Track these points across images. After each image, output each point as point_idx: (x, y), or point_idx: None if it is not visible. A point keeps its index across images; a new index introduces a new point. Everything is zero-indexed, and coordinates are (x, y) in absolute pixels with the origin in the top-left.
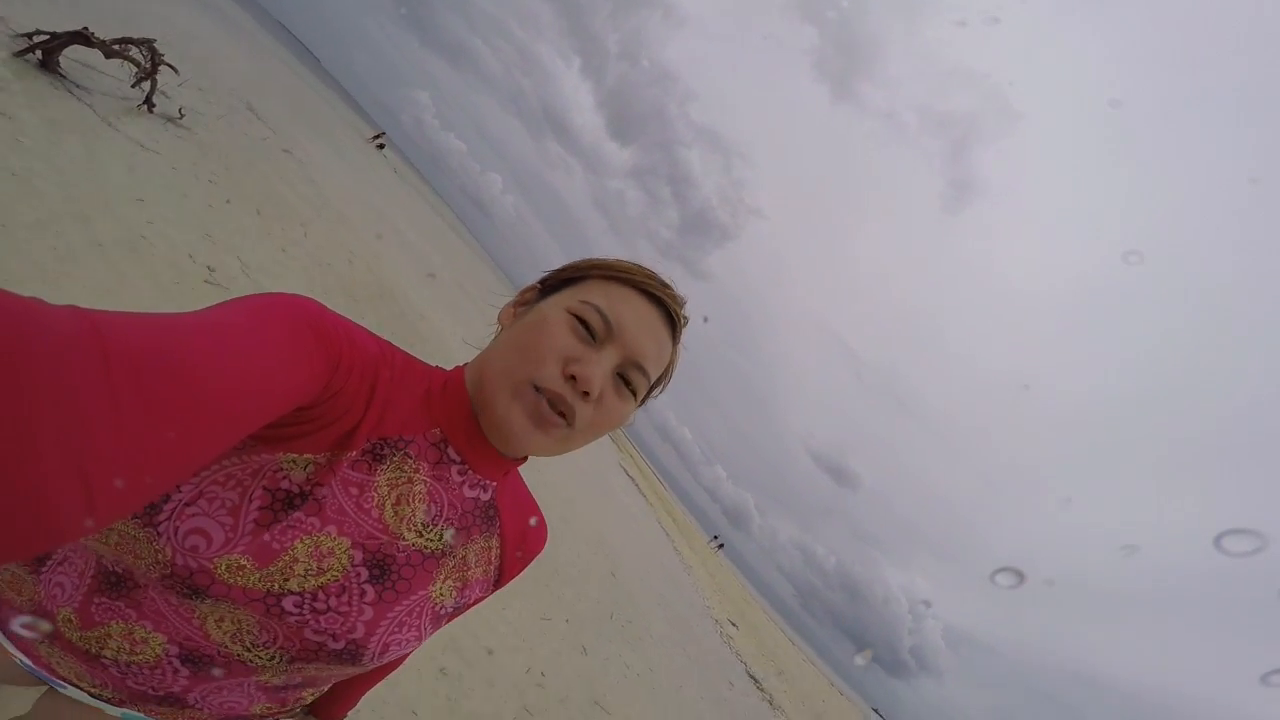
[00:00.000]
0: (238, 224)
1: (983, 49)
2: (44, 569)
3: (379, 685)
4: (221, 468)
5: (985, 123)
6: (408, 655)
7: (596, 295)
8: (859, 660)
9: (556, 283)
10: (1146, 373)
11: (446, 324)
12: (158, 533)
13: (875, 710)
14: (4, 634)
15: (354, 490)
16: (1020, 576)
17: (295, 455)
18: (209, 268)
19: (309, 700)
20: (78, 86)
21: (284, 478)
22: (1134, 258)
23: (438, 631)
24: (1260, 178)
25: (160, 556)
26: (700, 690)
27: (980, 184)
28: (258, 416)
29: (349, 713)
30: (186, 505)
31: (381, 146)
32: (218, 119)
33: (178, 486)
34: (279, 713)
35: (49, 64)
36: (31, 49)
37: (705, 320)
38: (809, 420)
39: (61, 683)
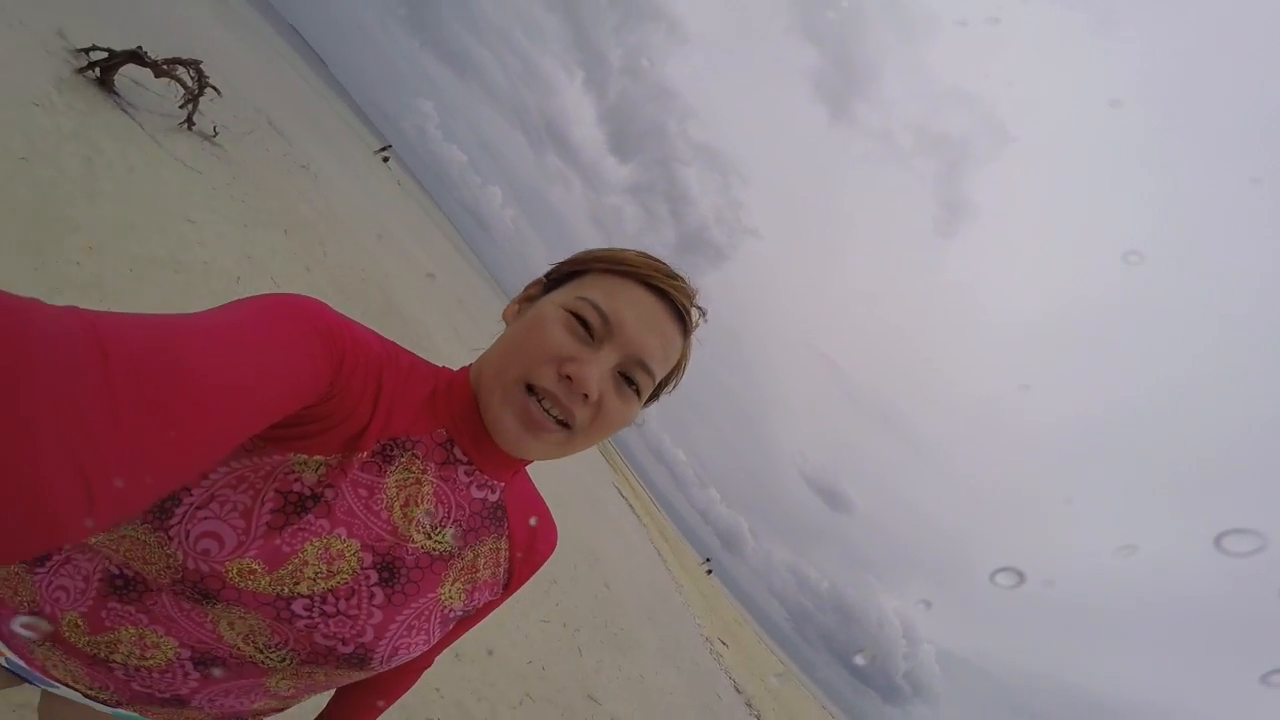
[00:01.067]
0: (269, 244)
1: (978, 70)
2: (42, 569)
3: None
4: (232, 470)
5: (978, 145)
6: (420, 670)
7: (596, 290)
8: (859, 660)
9: (560, 276)
10: (1142, 393)
11: (448, 339)
12: (169, 536)
13: None
14: None
15: (363, 492)
16: (1020, 576)
17: (306, 456)
18: (252, 290)
19: (305, 700)
20: (129, 104)
21: (296, 479)
22: (1134, 258)
23: (449, 642)
24: (1261, 178)
25: (172, 561)
26: (688, 699)
27: (973, 207)
28: (260, 417)
29: None
30: (198, 509)
31: (387, 159)
32: (245, 135)
33: (189, 489)
34: (277, 710)
35: (106, 81)
36: (91, 66)
37: (704, 315)
38: (802, 443)
39: (54, 683)
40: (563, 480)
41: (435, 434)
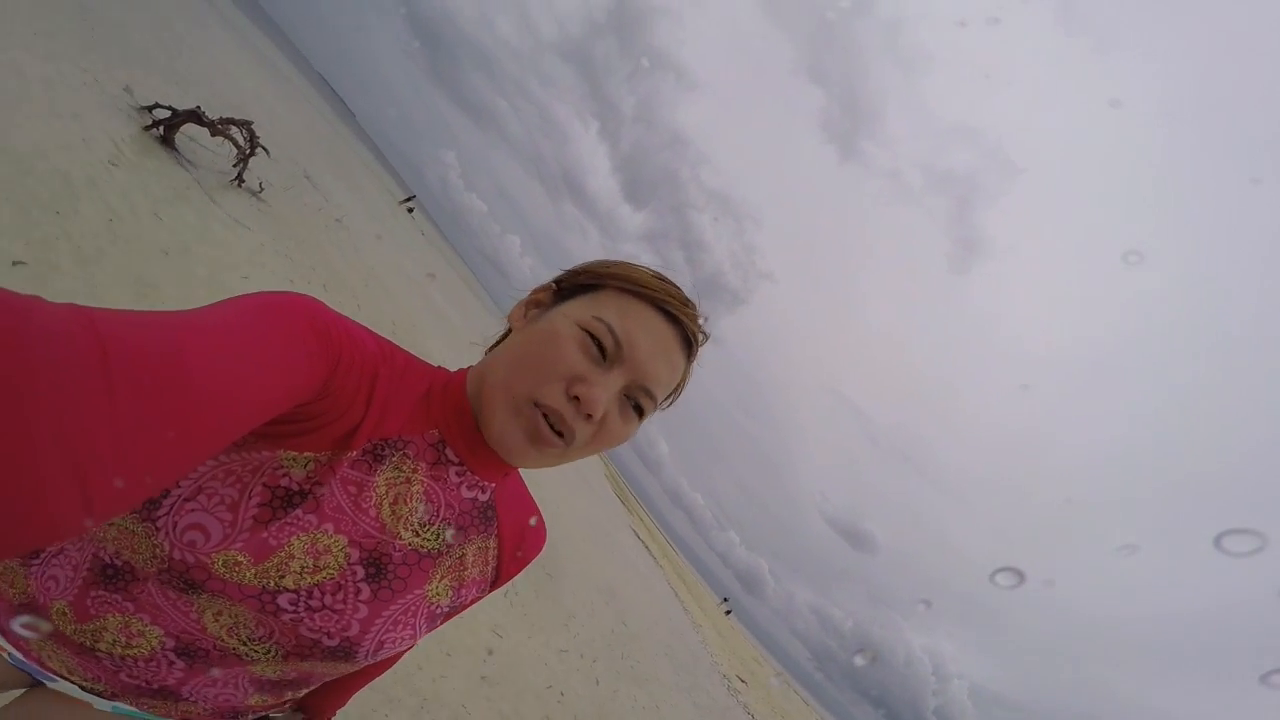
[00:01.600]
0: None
1: (980, 105)
2: (36, 562)
3: (424, 689)
4: (221, 464)
5: (987, 180)
6: (402, 654)
7: (611, 311)
8: (859, 660)
9: (572, 287)
10: (1165, 420)
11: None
12: (156, 528)
13: None
14: None
15: (352, 489)
16: (1020, 576)
17: (296, 454)
18: None
19: (302, 695)
20: (188, 161)
21: (284, 475)
22: (1134, 258)
23: (432, 631)
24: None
25: (158, 551)
26: None
27: (986, 242)
28: (257, 415)
29: (338, 711)
30: (185, 501)
31: (411, 210)
32: (285, 190)
33: (176, 482)
34: (273, 706)
35: (168, 139)
36: (156, 125)
37: (707, 338)
38: (822, 484)
39: (52, 676)
40: (578, 520)
41: (427, 435)
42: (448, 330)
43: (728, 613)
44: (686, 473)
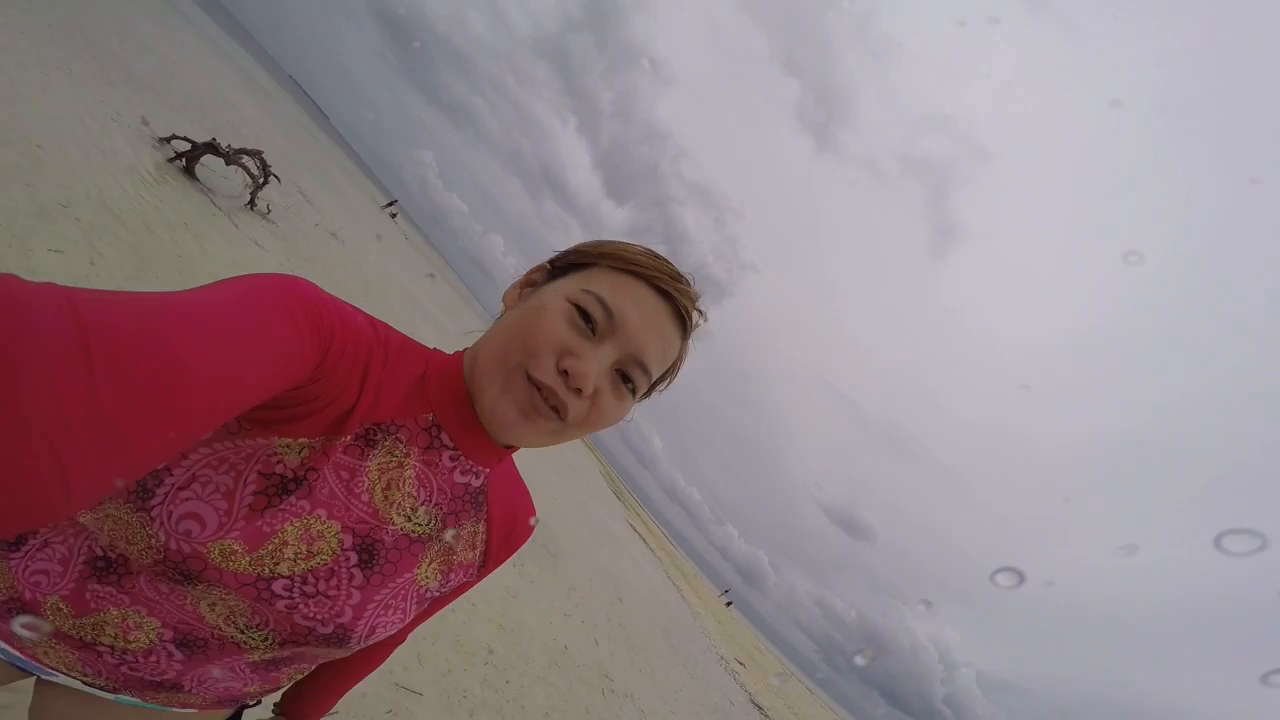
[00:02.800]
0: None
1: (950, 93)
2: (16, 555)
3: (457, 630)
4: (214, 451)
5: (960, 166)
6: (392, 648)
7: (601, 285)
8: (859, 659)
9: (565, 265)
10: (1154, 405)
11: None
12: (151, 517)
13: None
14: None
15: (345, 474)
16: (1020, 576)
17: (290, 440)
18: None
19: (299, 678)
20: (207, 188)
21: (278, 462)
22: (1133, 257)
23: (422, 621)
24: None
25: (154, 541)
26: (701, 698)
27: (963, 228)
28: (244, 400)
29: (325, 715)
30: (180, 489)
31: (394, 215)
32: (286, 209)
33: (169, 469)
34: (271, 691)
35: (189, 169)
36: (179, 156)
37: (704, 318)
38: (817, 474)
39: (51, 671)
40: (575, 510)
41: (421, 419)
42: (447, 340)
43: (728, 604)
44: (682, 468)
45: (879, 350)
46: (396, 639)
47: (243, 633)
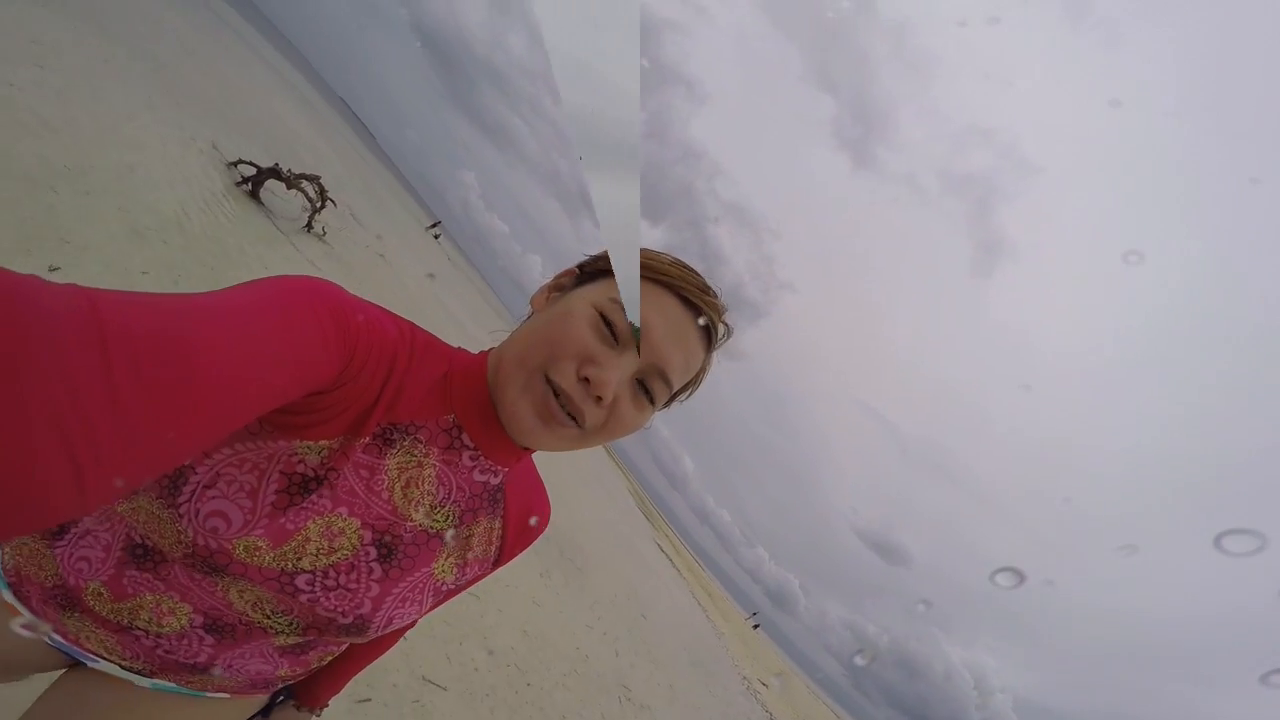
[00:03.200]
0: None
1: (992, 106)
2: (61, 543)
3: (485, 631)
4: (236, 452)
5: (1004, 180)
6: (402, 634)
7: None
8: (858, 660)
9: (594, 271)
10: (1196, 418)
11: None
12: (179, 514)
13: None
14: (30, 610)
15: (364, 473)
16: (1020, 576)
17: (310, 443)
18: None
19: (328, 659)
20: (270, 212)
21: (299, 462)
22: (1133, 257)
23: (433, 609)
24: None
25: (183, 536)
26: (719, 716)
27: (1008, 244)
28: (264, 401)
29: (333, 697)
30: (206, 488)
31: (438, 236)
32: (339, 231)
33: (194, 468)
34: (302, 675)
35: (255, 193)
36: (245, 180)
37: (730, 332)
38: (853, 498)
39: (93, 656)
40: (601, 525)
41: (442, 419)
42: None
43: (755, 626)
44: (712, 489)
45: (920, 371)
46: (408, 625)
47: (269, 618)
